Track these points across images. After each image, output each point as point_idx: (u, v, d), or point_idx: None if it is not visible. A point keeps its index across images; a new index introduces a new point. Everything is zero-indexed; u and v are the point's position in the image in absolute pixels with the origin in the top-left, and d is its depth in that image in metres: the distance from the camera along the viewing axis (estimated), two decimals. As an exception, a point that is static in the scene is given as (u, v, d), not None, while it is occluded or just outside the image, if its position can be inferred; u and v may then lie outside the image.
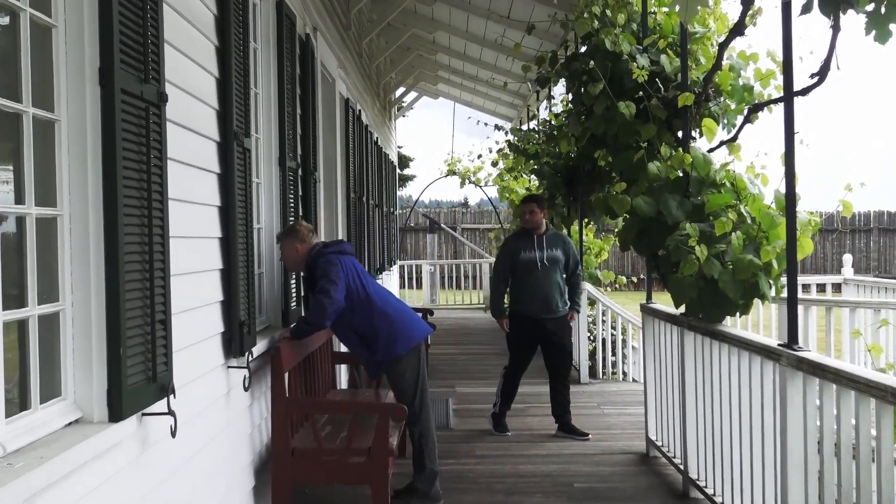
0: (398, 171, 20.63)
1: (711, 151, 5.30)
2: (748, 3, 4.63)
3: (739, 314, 4.92)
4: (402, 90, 16.29)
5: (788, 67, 3.83)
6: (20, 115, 2.29)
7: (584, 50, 6.51)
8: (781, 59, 3.91)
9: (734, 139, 5.32)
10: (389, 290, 5.27)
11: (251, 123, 4.32)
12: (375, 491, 4.36)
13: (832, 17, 3.62)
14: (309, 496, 5.11)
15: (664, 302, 5.90)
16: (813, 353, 3.66)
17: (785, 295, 3.96)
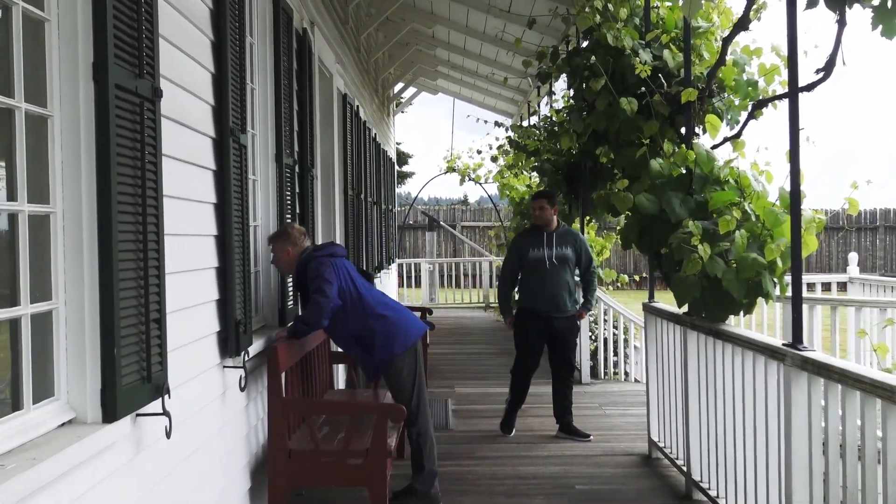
0: (397, 167, 20.63)
1: (715, 148, 5.30)
2: (752, -3, 4.63)
3: (743, 313, 4.92)
4: (400, 86, 16.29)
5: (793, 63, 3.83)
6: (12, 110, 2.29)
7: (585, 45, 6.52)
8: (786, 54, 3.91)
9: (738, 135, 5.31)
10: (388, 288, 5.27)
11: (247, 119, 4.32)
12: (373, 492, 4.36)
13: (838, 11, 3.62)
14: (306, 498, 5.12)
15: (667, 301, 5.90)
16: (818, 352, 3.66)
17: (789, 294, 3.96)
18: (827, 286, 11.26)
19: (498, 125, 13.34)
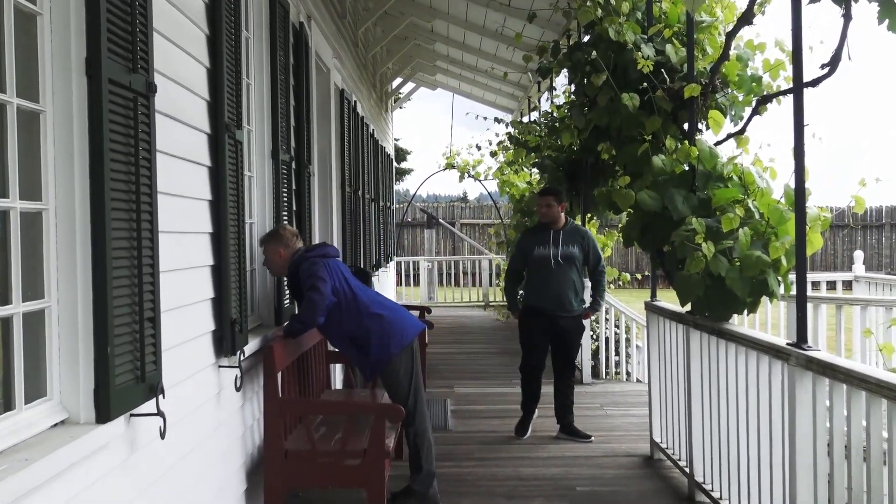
0: (395, 164, 20.62)
1: (718, 144, 5.30)
2: (757, -9, 4.63)
3: (747, 312, 4.92)
4: (399, 81, 16.27)
5: (798, 57, 3.83)
6: (4, 105, 2.28)
7: (587, 39, 6.52)
8: (790, 48, 3.90)
9: (742, 132, 5.32)
10: (387, 287, 5.28)
11: (243, 115, 4.31)
12: (371, 494, 4.36)
13: (843, 5, 3.62)
14: (302, 499, 5.12)
15: (669, 300, 5.90)
16: (823, 352, 3.67)
17: (794, 292, 3.96)
18: (832, 285, 11.28)
19: (498, 121, 13.34)
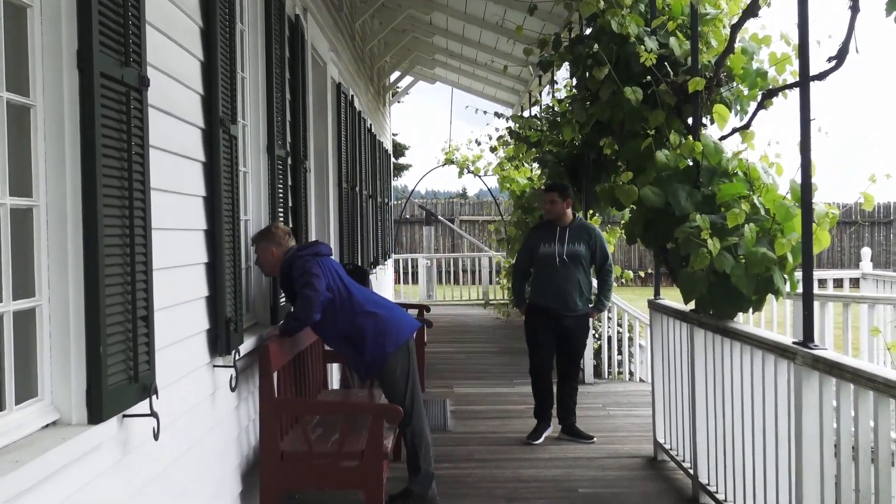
0: (393, 159, 20.63)
1: (723, 139, 5.30)
2: (762, -18, 4.63)
3: (752, 310, 4.93)
4: (397, 74, 16.28)
5: (804, 50, 3.82)
6: (-7, 100, 2.28)
7: (588, 32, 6.51)
8: (797, 42, 3.91)
9: (747, 126, 5.31)
10: (384, 285, 5.29)
11: (238, 109, 4.31)
12: (369, 496, 4.37)
13: (851, -3, 3.62)
14: (299, 501, 5.12)
15: (673, 297, 5.90)
16: (829, 351, 3.67)
17: (800, 290, 3.96)
18: (839, 282, 11.28)
19: (498, 115, 13.32)
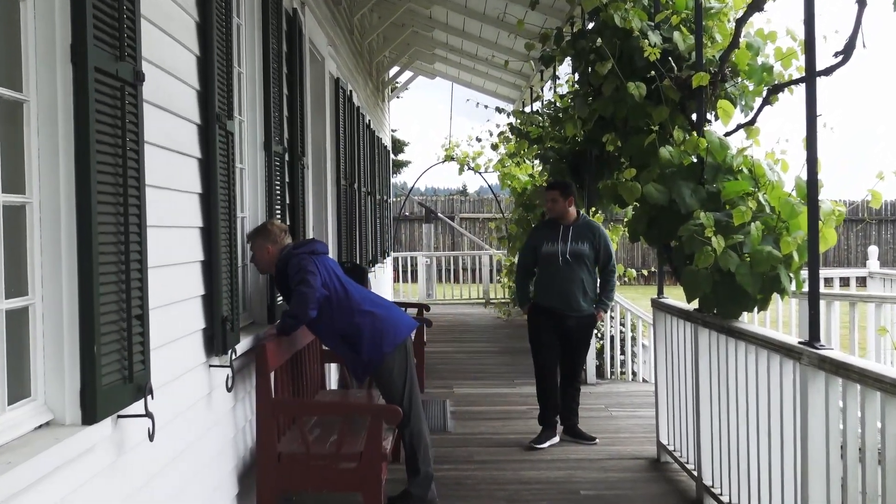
0: (392, 156, 20.62)
1: (728, 135, 5.29)
2: (768, -24, 4.63)
3: (757, 310, 4.93)
4: (396, 69, 16.26)
5: (811, 45, 3.82)
6: (-14, 95, 2.28)
7: (591, 26, 6.50)
8: (802, 37, 3.90)
9: (752, 122, 5.31)
10: (383, 283, 5.28)
11: (234, 105, 4.31)
12: (368, 498, 4.37)
13: (858, -9, 3.62)
14: (296, 503, 5.13)
15: (676, 296, 5.90)
16: (836, 351, 3.67)
17: (806, 289, 3.96)
18: (845, 281, 11.28)
19: (499, 111, 13.33)
